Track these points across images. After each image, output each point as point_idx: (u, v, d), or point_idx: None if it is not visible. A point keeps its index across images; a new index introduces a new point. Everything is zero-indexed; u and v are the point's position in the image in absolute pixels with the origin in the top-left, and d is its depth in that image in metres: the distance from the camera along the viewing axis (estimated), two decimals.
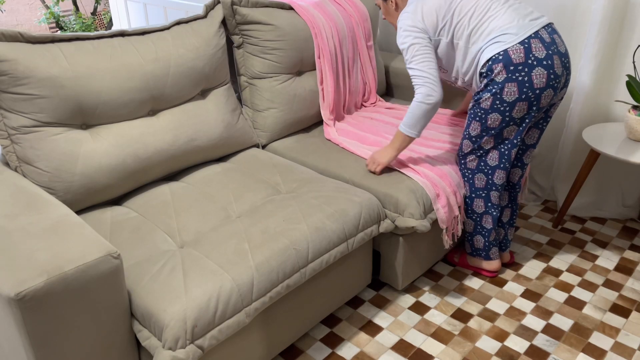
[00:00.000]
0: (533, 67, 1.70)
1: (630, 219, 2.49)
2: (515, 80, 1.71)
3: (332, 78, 2.25)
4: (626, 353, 1.74)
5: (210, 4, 2.05)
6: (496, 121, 1.79)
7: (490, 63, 1.72)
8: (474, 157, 1.91)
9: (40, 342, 1.17)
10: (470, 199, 1.98)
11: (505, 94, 1.73)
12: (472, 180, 1.94)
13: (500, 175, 1.91)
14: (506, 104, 1.74)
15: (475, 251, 2.08)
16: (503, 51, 1.70)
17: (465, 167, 1.95)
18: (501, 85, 1.72)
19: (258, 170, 1.94)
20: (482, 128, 1.82)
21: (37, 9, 6.68)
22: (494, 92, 1.74)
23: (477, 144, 1.87)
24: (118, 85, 1.70)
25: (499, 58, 1.71)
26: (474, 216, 2.00)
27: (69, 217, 1.36)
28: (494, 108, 1.76)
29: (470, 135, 1.87)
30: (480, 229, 2.02)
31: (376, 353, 1.75)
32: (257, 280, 1.42)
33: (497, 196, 1.95)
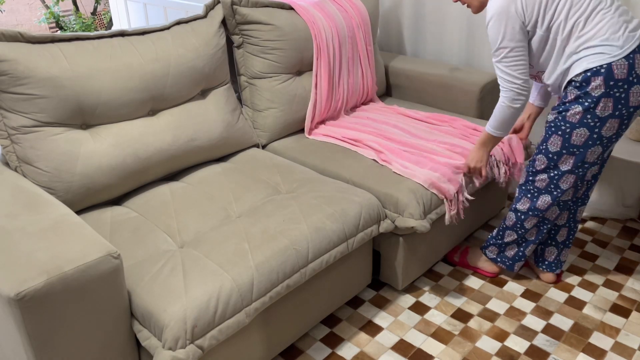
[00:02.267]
0: (632, 84, 1.58)
1: (630, 219, 2.49)
2: (612, 96, 1.58)
3: (326, 81, 2.25)
4: (626, 353, 1.74)
5: (210, 4, 2.05)
6: (582, 137, 1.65)
7: (590, 75, 1.58)
8: (546, 177, 1.77)
9: (40, 342, 1.17)
10: (524, 215, 1.87)
11: (600, 109, 1.60)
12: (536, 199, 1.82)
13: (569, 193, 1.80)
14: (597, 119, 1.61)
15: (502, 257, 2.01)
16: (607, 65, 1.56)
17: (532, 184, 1.82)
18: (596, 99, 1.59)
19: (258, 170, 1.94)
20: (564, 144, 1.68)
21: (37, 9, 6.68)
22: (586, 106, 1.61)
23: (553, 162, 1.73)
24: (118, 85, 1.70)
25: (600, 71, 1.57)
26: (520, 230, 1.91)
27: (69, 217, 1.36)
28: (584, 123, 1.63)
29: (548, 150, 1.73)
30: (520, 240, 1.95)
31: (376, 353, 1.75)
32: (257, 280, 1.42)
33: (555, 212, 1.85)
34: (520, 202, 1.88)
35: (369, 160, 1.99)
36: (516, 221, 1.90)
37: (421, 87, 2.60)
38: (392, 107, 2.48)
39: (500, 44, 1.67)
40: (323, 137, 2.21)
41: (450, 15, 2.64)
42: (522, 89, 1.69)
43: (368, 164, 1.97)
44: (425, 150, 2.03)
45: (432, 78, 2.54)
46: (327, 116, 2.34)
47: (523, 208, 1.87)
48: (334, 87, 2.30)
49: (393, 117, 2.35)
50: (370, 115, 2.37)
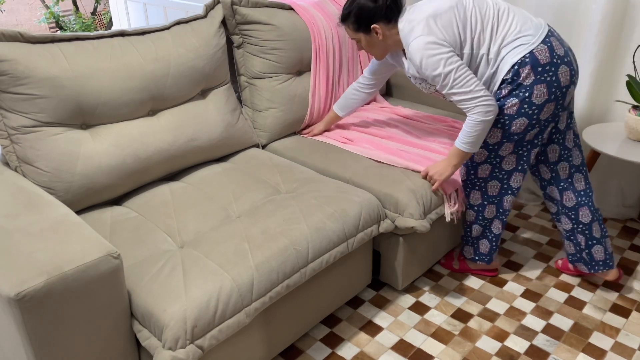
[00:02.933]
0: (558, 65, 1.66)
1: (630, 219, 2.49)
2: (544, 82, 1.65)
3: (325, 81, 2.25)
4: (626, 353, 1.74)
5: (210, 4, 2.05)
6: (522, 126, 1.72)
7: (517, 67, 1.66)
8: (488, 166, 1.84)
9: (40, 342, 1.17)
10: (481, 206, 1.92)
11: (535, 97, 1.67)
12: (485, 188, 1.88)
13: (517, 177, 1.85)
14: (535, 106, 1.68)
15: (479, 256, 2.04)
16: (529, 53, 1.64)
17: (475, 176, 1.87)
18: (530, 88, 1.66)
19: (258, 170, 1.94)
20: (504, 135, 1.75)
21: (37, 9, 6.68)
22: (521, 96, 1.67)
23: (494, 152, 1.80)
24: (118, 85, 1.70)
25: (525, 61, 1.65)
26: (484, 222, 1.95)
27: (69, 217, 1.36)
28: (522, 113, 1.69)
29: (488, 143, 1.79)
30: (488, 234, 1.98)
31: (376, 353, 1.75)
32: (257, 280, 1.42)
33: (511, 201, 1.90)
34: (471, 196, 1.93)
35: (369, 160, 1.99)
36: (476, 214, 1.95)
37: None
38: (393, 108, 2.48)
39: (443, 71, 1.65)
40: (320, 136, 2.21)
41: None
42: (487, 97, 1.66)
43: (368, 164, 1.97)
44: (425, 149, 2.03)
45: None
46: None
47: (476, 201, 1.92)
48: (333, 87, 2.30)
49: (393, 118, 2.35)
50: (370, 115, 2.37)
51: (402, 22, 1.73)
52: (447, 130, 2.23)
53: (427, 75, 1.69)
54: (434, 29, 1.65)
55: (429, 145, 2.07)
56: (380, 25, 1.75)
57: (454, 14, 1.68)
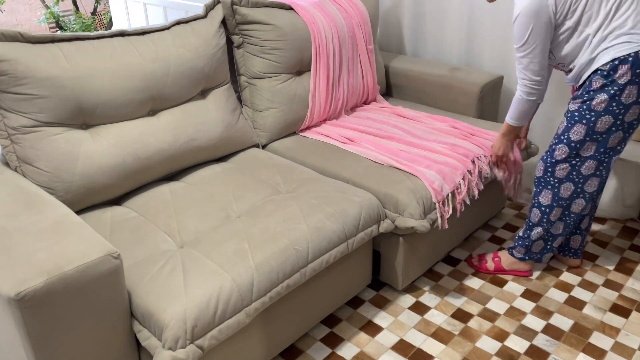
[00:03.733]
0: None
1: (630, 219, 2.49)
2: (637, 84, 1.63)
3: (325, 81, 2.25)
4: (626, 353, 1.74)
5: (210, 4, 2.05)
6: (606, 125, 1.69)
7: (617, 63, 1.62)
8: (567, 166, 1.80)
9: (40, 342, 1.17)
10: (549, 208, 1.88)
11: (625, 97, 1.64)
12: (558, 189, 1.84)
13: (593, 183, 1.81)
14: (622, 106, 1.66)
15: (530, 255, 2.03)
16: (634, 53, 1.61)
17: (552, 175, 1.83)
18: (622, 87, 1.64)
19: (258, 170, 1.94)
20: (588, 132, 1.71)
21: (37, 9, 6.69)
22: (612, 93, 1.65)
23: (575, 151, 1.76)
24: (118, 85, 1.70)
25: (628, 59, 1.61)
26: (546, 225, 1.92)
27: (69, 217, 1.36)
28: (609, 110, 1.67)
29: (571, 140, 1.75)
30: (546, 235, 1.96)
31: (376, 353, 1.75)
32: (257, 280, 1.42)
33: (582, 205, 1.86)
34: (541, 195, 1.89)
35: (368, 161, 1.99)
36: (542, 216, 1.92)
37: (421, 87, 2.60)
38: (393, 107, 2.48)
39: (526, 41, 1.69)
40: (320, 136, 2.21)
41: (450, 15, 2.64)
42: (538, 84, 1.75)
43: (368, 164, 1.97)
44: (425, 149, 2.04)
45: (432, 78, 2.54)
46: (327, 116, 2.34)
47: (546, 201, 1.89)
48: (333, 87, 2.30)
49: (393, 118, 2.35)
50: (371, 115, 2.37)
51: None
52: (447, 130, 2.23)
53: (515, 26, 1.71)
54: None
55: (429, 145, 2.07)
56: None
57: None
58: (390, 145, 2.08)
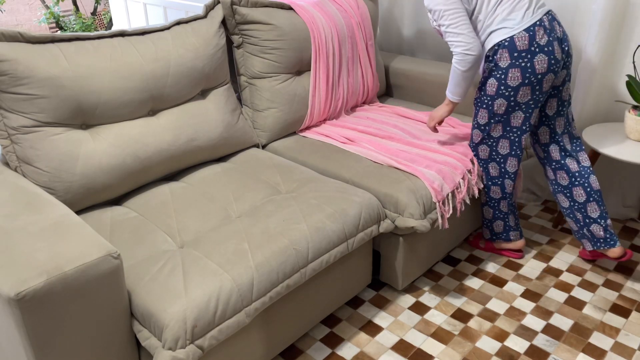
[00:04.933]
0: (535, 53, 1.77)
1: (630, 219, 2.49)
2: (518, 66, 1.78)
3: (324, 81, 2.25)
4: (626, 353, 1.74)
5: (210, 4, 2.05)
6: (502, 106, 1.86)
7: (497, 48, 1.80)
8: (485, 147, 1.99)
9: (40, 342, 1.17)
10: (487, 187, 2.06)
11: (510, 79, 1.81)
12: (487, 169, 2.03)
13: (512, 163, 1.98)
14: (510, 88, 1.82)
15: (496, 235, 2.18)
16: (509, 38, 1.77)
17: (478, 157, 2.03)
18: (505, 70, 1.80)
19: (258, 170, 1.94)
20: (490, 115, 1.90)
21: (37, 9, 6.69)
22: (498, 77, 1.82)
23: (487, 132, 1.95)
24: (118, 85, 1.70)
25: (504, 44, 1.78)
26: (492, 203, 2.09)
27: (69, 217, 1.36)
28: (499, 94, 1.84)
29: (479, 124, 1.95)
30: (498, 214, 2.10)
31: (376, 353, 1.75)
32: (257, 280, 1.42)
33: (510, 185, 2.02)
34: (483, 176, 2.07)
35: (368, 161, 1.99)
36: (485, 195, 2.10)
37: (421, 87, 2.60)
38: (393, 107, 2.48)
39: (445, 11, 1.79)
40: (320, 136, 2.21)
41: None
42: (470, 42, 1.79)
43: (368, 164, 1.97)
44: (425, 149, 2.04)
45: (432, 78, 2.54)
46: (327, 116, 2.34)
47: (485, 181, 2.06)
48: (333, 87, 2.30)
49: (393, 118, 2.35)
50: (370, 115, 2.37)
51: None
52: (447, 130, 2.23)
53: (429, 4, 1.83)
54: None
55: (428, 145, 2.07)
56: None
57: None
58: (390, 145, 2.08)
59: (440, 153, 2.01)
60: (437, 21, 1.84)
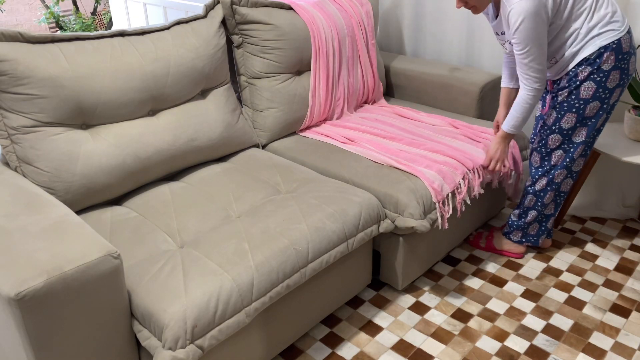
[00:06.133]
0: (631, 55, 1.79)
1: (630, 219, 2.49)
2: (619, 68, 1.77)
3: (324, 81, 2.25)
4: (626, 353, 1.74)
5: (210, 4, 2.05)
6: (594, 109, 1.81)
7: (602, 51, 1.74)
8: (561, 153, 1.92)
9: (40, 342, 1.17)
10: (543, 192, 2.00)
11: (609, 82, 1.77)
12: (552, 175, 1.96)
13: (580, 163, 1.95)
14: (607, 91, 1.78)
15: (526, 237, 2.14)
16: (617, 40, 1.74)
17: (549, 163, 1.95)
18: (607, 73, 1.76)
19: (258, 170, 1.94)
20: (578, 119, 1.83)
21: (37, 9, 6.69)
22: (598, 80, 1.77)
23: (568, 137, 1.88)
24: (118, 85, 1.70)
25: (611, 46, 1.74)
26: (541, 208, 2.04)
27: (69, 217, 1.36)
28: (596, 97, 1.79)
29: (562, 128, 1.87)
30: (540, 217, 2.07)
31: (376, 353, 1.75)
32: (257, 280, 1.42)
33: (569, 184, 2.00)
34: (538, 182, 2.01)
35: (368, 160, 1.99)
36: (536, 200, 2.03)
37: (421, 87, 2.60)
38: (393, 107, 2.48)
39: (533, 42, 1.72)
40: (320, 136, 2.21)
41: (450, 15, 2.64)
42: (543, 81, 1.79)
43: (368, 164, 1.97)
44: (425, 149, 2.03)
45: (432, 78, 2.54)
46: (327, 116, 2.34)
47: (540, 187, 2.00)
48: (333, 87, 2.30)
49: (393, 117, 2.35)
50: (370, 115, 2.37)
51: None
52: (447, 130, 2.23)
53: (515, 37, 1.74)
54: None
55: (429, 145, 2.07)
56: None
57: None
58: (390, 145, 2.08)
59: (440, 153, 2.01)
60: (519, 51, 1.75)
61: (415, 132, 2.19)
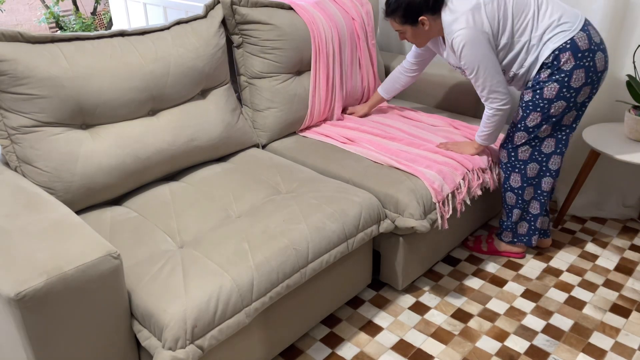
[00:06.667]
0: (595, 52, 1.79)
1: (630, 219, 2.49)
2: (582, 67, 1.78)
3: (324, 81, 2.25)
4: (626, 353, 1.74)
5: (210, 4, 2.05)
6: (560, 108, 1.84)
7: (557, 53, 1.78)
8: (528, 148, 1.95)
9: (40, 342, 1.17)
10: (520, 189, 2.01)
11: (574, 81, 1.79)
12: (525, 170, 1.99)
13: (556, 160, 1.96)
14: (573, 90, 1.80)
15: (518, 237, 2.14)
16: (570, 40, 1.76)
17: (516, 159, 1.98)
18: (569, 72, 1.78)
19: (258, 170, 1.94)
20: (544, 117, 1.86)
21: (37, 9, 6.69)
22: (560, 80, 1.79)
23: (534, 134, 1.91)
24: (118, 85, 1.70)
25: (566, 47, 1.77)
26: (522, 205, 2.05)
27: (69, 217, 1.36)
28: (560, 96, 1.82)
29: (528, 126, 1.90)
30: (526, 215, 2.08)
31: (376, 353, 1.75)
32: (257, 281, 1.42)
33: (550, 183, 2.00)
34: (511, 179, 2.02)
35: (368, 161, 1.99)
36: (516, 197, 2.05)
37: (421, 87, 2.59)
38: (393, 107, 2.48)
39: (479, 66, 1.80)
40: (320, 136, 2.21)
41: None
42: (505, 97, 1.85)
43: (368, 164, 1.97)
44: (425, 149, 2.03)
45: (432, 78, 2.54)
46: (327, 116, 2.34)
47: (516, 183, 2.01)
48: (333, 87, 2.30)
49: (393, 117, 2.35)
50: (371, 117, 2.37)
51: (445, 13, 1.82)
52: (447, 130, 2.23)
53: (463, 63, 1.82)
54: (477, 21, 1.76)
55: (429, 146, 2.07)
56: (427, 17, 1.85)
57: (495, 6, 1.78)
58: (391, 145, 2.08)
59: (440, 154, 2.01)
60: (470, 75, 1.84)
61: (415, 133, 2.19)
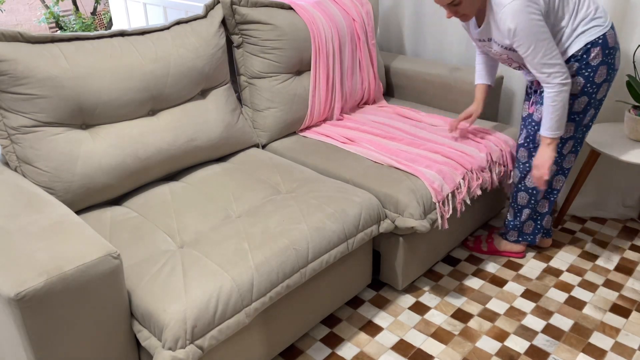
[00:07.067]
0: (617, 50, 1.81)
1: (630, 219, 2.49)
2: (606, 63, 1.79)
3: (324, 81, 2.25)
4: (626, 353, 1.74)
5: (210, 4, 2.05)
6: (582, 104, 1.83)
7: (589, 46, 1.76)
8: None
9: (40, 342, 1.17)
10: (536, 189, 2.00)
11: (597, 77, 1.79)
12: None
13: (570, 159, 1.96)
14: (595, 86, 1.80)
15: (523, 236, 2.14)
16: (602, 35, 1.76)
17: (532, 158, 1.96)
18: (595, 68, 1.78)
19: (258, 170, 1.94)
20: (568, 115, 1.84)
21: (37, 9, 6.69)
22: (586, 75, 1.78)
23: None
24: (118, 85, 1.70)
25: (598, 42, 1.76)
26: (534, 205, 2.04)
27: (69, 217, 1.36)
28: (584, 92, 1.81)
29: None
30: (534, 214, 2.08)
31: (376, 353, 1.75)
32: (257, 281, 1.42)
33: (562, 181, 2.01)
34: (526, 179, 2.00)
35: (368, 161, 1.99)
36: (529, 198, 2.03)
37: (421, 87, 2.60)
38: (393, 107, 2.48)
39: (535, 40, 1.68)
40: (320, 136, 2.21)
41: None
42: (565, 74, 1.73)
43: (368, 164, 1.97)
44: (425, 149, 2.03)
45: (432, 78, 2.54)
46: (327, 116, 2.34)
47: (531, 183, 2.00)
48: (333, 87, 2.30)
49: (393, 118, 2.35)
50: (370, 116, 2.37)
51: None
52: (447, 130, 2.23)
53: (517, 40, 1.69)
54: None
55: (429, 146, 2.07)
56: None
57: None
58: (391, 145, 2.08)
59: (440, 153, 2.01)
60: (526, 52, 1.71)
61: (415, 133, 2.19)
